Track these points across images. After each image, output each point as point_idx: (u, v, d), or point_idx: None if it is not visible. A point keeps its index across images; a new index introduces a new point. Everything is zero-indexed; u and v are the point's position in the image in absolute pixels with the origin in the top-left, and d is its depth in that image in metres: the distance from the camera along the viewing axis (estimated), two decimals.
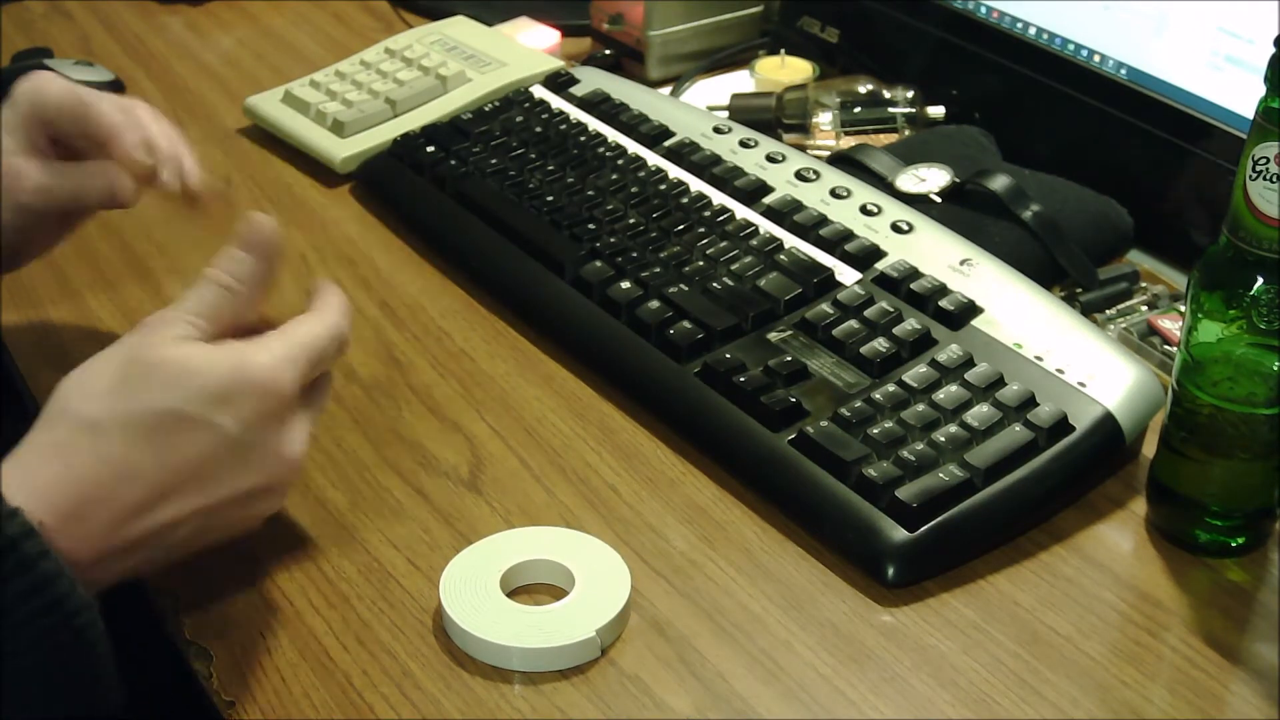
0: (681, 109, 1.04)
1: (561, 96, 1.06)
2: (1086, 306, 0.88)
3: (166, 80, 1.20)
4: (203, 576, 0.70)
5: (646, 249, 0.88)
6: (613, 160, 0.97)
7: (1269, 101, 0.63)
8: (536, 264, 0.89)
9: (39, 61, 1.14)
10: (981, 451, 0.72)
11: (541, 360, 0.85)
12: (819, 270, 0.85)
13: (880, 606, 0.69)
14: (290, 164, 1.07)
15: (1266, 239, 0.65)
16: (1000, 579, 0.70)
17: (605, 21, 1.21)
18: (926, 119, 1.08)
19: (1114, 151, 0.97)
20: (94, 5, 1.33)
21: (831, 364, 0.79)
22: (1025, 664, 0.66)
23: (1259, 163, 0.64)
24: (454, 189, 0.96)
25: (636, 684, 0.64)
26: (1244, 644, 0.68)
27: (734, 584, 0.70)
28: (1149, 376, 0.77)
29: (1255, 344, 0.67)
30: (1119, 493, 0.76)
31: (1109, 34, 0.96)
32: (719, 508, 0.75)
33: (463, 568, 0.68)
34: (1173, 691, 0.65)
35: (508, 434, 0.79)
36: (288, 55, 1.25)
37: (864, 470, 0.71)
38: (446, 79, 1.11)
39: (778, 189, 0.92)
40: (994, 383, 0.75)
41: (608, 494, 0.75)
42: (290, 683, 0.65)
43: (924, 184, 0.96)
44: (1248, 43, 0.87)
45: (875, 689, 0.64)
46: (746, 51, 1.22)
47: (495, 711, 0.63)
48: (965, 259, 0.84)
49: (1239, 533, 0.71)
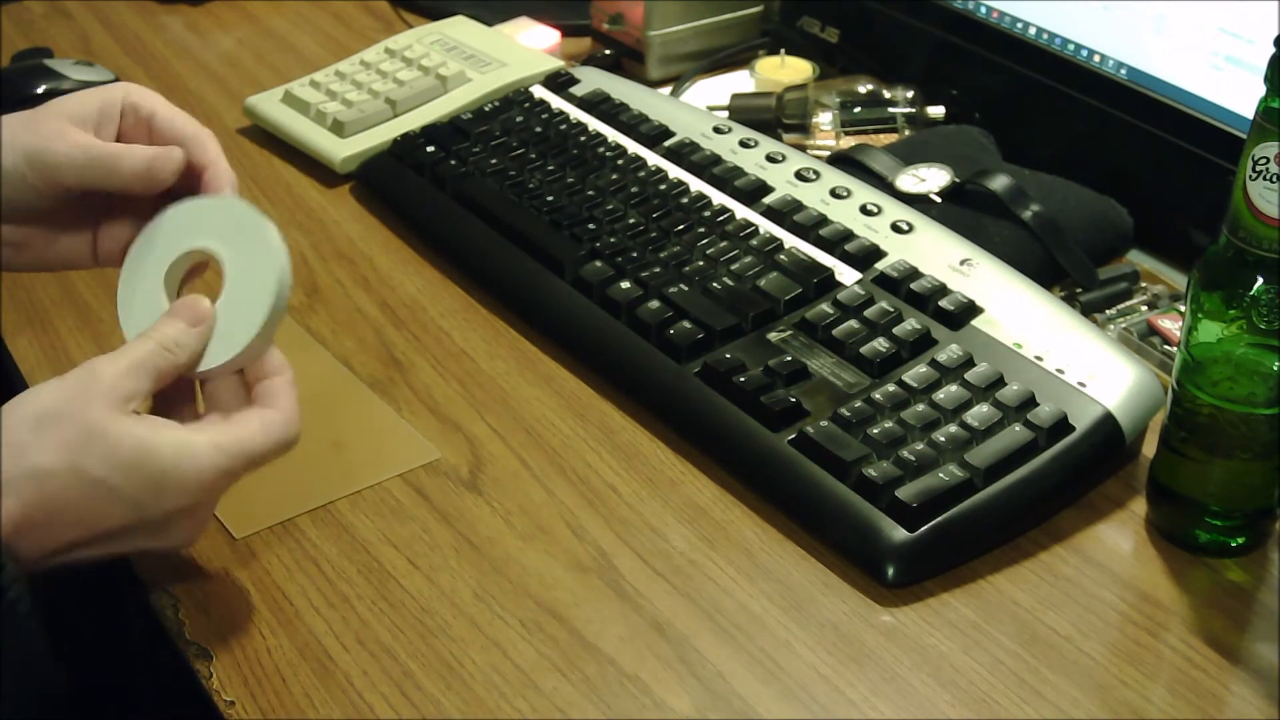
0: (681, 109, 1.04)
1: (561, 96, 1.06)
2: (1086, 306, 0.88)
3: (166, 80, 1.20)
4: (203, 576, 0.70)
5: (646, 249, 0.88)
6: (613, 160, 0.97)
7: (1269, 101, 0.63)
8: (536, 264, 0.89)
9: (39, 61, 1.14)
10: (981, 451, 0.72)
11: (541, 360, 0.86)
12: (819, 270, 0.85)
13: (880, 606, 0.69)
14: (290, 164, 1.07)
15: (1266, 239, 0.65)
16: (1000, 579, 0.70)
17: (605, 21, 1.21)
18: (926, 119, 1.08)
19: (1114, 151, 0.97)
20: (94, 5, 1.33)
21: (831, 364, 0.79)
22: (1025, 664, 0.66)
23: (1259, 163, 0.64)
24: (454, 189, 0.96)
25: (636, 684, 0.64)
26: (1244, 644, 0.68)
27: (734, 584, 0.70)
28: (1149, 376, 0.77)
29: (1255, 344, 0.67)
30: (1119, 493, 0.76)
31: (1109, 34, 0.96)
32: (719, 508, 0.75)
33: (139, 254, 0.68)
34: (1173, 691, 0.65)
35: (508, 434, 0.79)
36: (288, 55, 1.25)
37: (864, 470, 0.71)
38: (446, 79, 1.11)
39: (778, 189, 0.92)
40: (994, 383, 0.75)
41: (608, 494, 0.75)
42: (290, 683, 0.65)
43: (924, 184, 0.96)
44: (1248, 43, 0.87)
45: (875, 689, 0.64)
46: (746, 51, 1.22)
47: (495, 711, 0.63)
48: (965, 259, 0.84)
49: (1239, 533, 0.71)
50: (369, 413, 0.82)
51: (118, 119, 0.73)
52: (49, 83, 1.10)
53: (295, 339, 0.87)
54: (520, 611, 0.68)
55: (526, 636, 0.67)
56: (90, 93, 0.73)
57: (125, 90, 0.74)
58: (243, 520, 0.73)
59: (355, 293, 0.92)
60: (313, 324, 0.89)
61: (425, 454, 0.78)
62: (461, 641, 0.67)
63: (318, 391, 0.83)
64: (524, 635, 0.67)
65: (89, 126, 0.72)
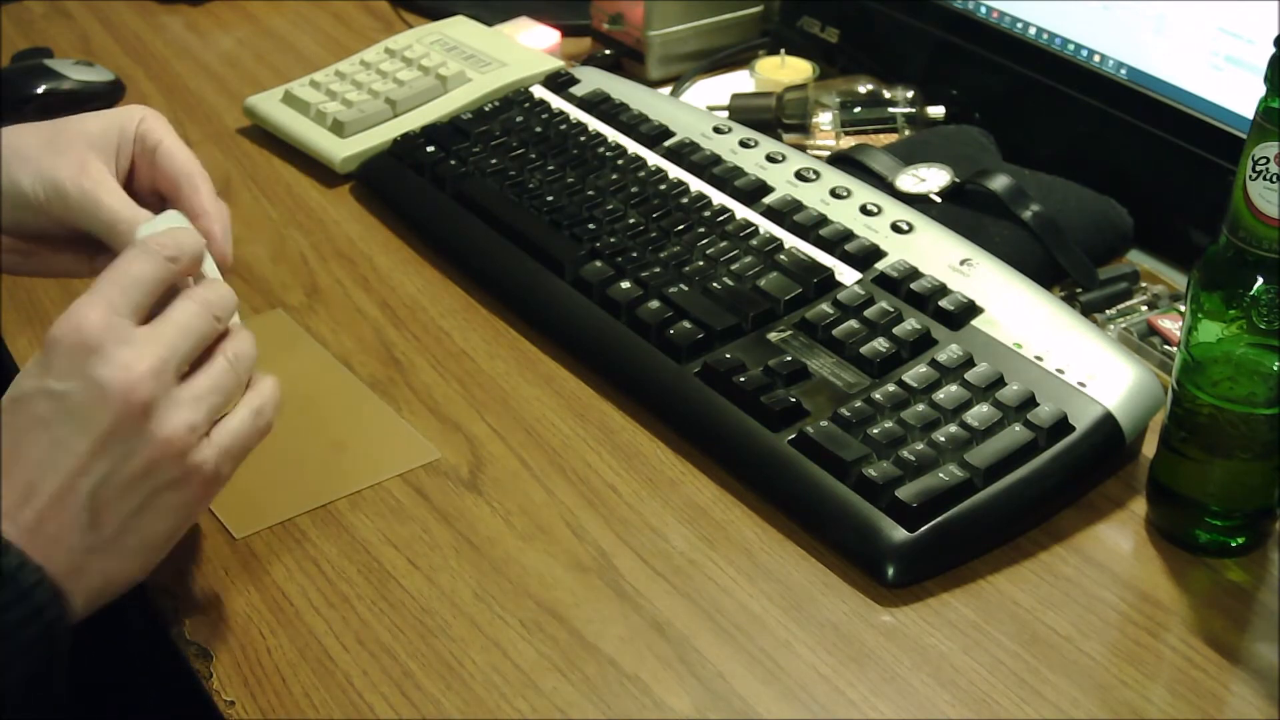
0: (681, 109, 1.04)
1: (561, 96, 1.06)
2: (1086, 306, 0.88)
3: (166, 80, 1.20)
4: (203, 576, 0.70)
5: (646, 249, 0.88)
6: (613, 160, 0.97)
7: (1269, 101, 0.63)
8: (536, 264, 0.89)
9: (39, 61, 1.14)
10: (981, 451, 0.72)
11: (541, 360, 0.86)
12: (819, 270, 0.85)
13: (880, 606, 0.69)
14: (290, 164, 1.07)
15: (1266, 239, 0.65)
16: (1000, 579, 0.70)
17: (605, 21, 1.21)
18: (926, 119, 1.08)
19: (1114, 151, 0.97)
20: (94, 5, 1.33)
21: (831, 364, 0.79)
22: (1025, 664, 0.66)
23: (1259, 163, 0.64)
24: (454, 189, 0.96)
25: (636, 684, 0.64)
26: (1244, 644, 0.68)
27: (734, 584, 0.70)
28: (1149, 376, 0.77)
29: (1255, 344, 0.67)
30: (1119, 493, 0.76)
31: (1109, 34, 0.96)
32: (719, 508, 0.75)
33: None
34: (1173, 691, 0.65)
35: (508, 434, 0.80)
36: (288, 55, 1.25)
37: (864, 470, 0.71)
38: (446, 79, 1.11)
39: (778, 189, 0.92)
40: (994, 383, 0.75)
41: (608, 494, 0.75)
42: (290, 683, 0.65)
43: (924, 184, 0.96)
44: (1248, 43, 0.87)
45: (875, 689, 0.64)
46: (746, 51, 1.22)
47: (495, 711, 0.63)
48: (965, 259, 0.84)
49: (1239, 533, 0.71)
50: (369, 412, 0.82)
51: (131, 145, 0.74)
52: (49, 83, 1.10)
53: (295, 339, 0.87)
54: (520, 611, 0.68)
55: (526, 636, 0.67)
56: (111, 118, 0.74)
57: (140, 117, 0.75)
58: (243, 520, 0.73)
59: (355, 293, 0.92)
60: (313, 324, 0.89)
61: (425, 454, 0.78)
62: (461, 641, 0.67)
63: (318, 391, 0.83)
64: (524, 635, 0.67)
65: (109, 156, 0.73)
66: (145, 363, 0.61)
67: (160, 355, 0.61)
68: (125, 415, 0.60)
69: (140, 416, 0.60)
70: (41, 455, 0.60)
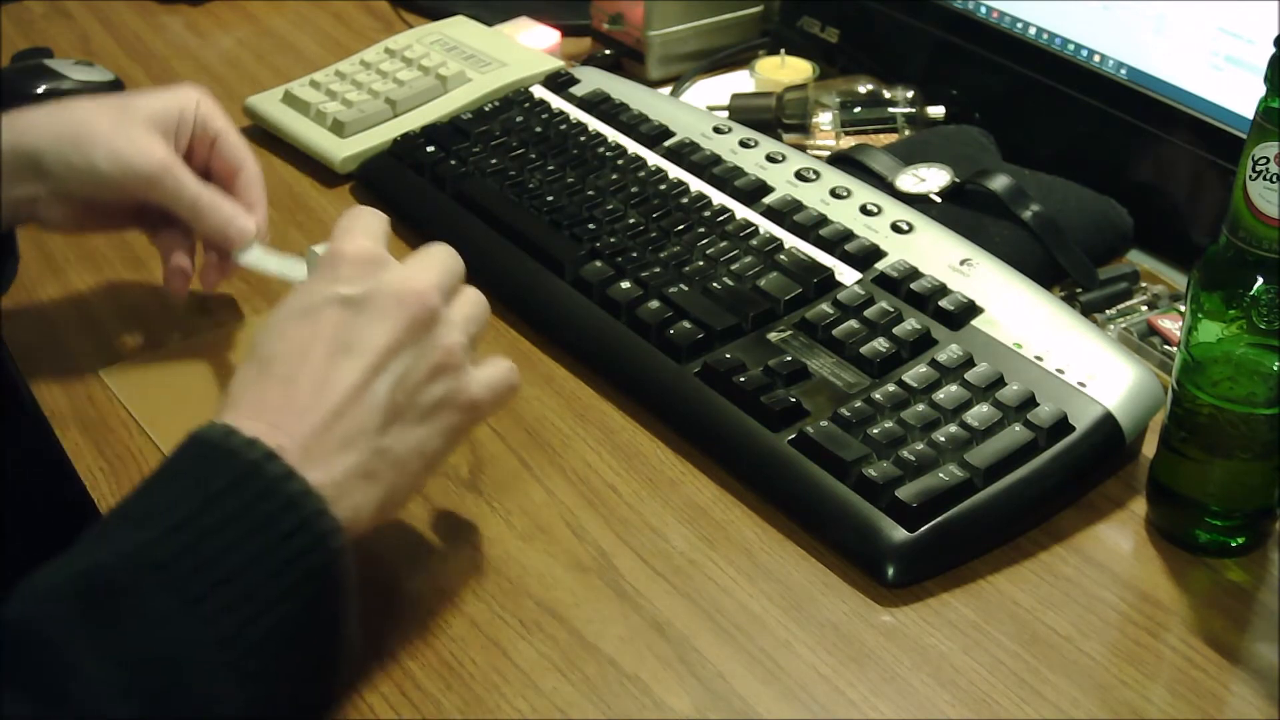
0: (681, 109, 1.04)
1: (561, 96, 1.06)
2: (1086, 306, 0.88)
3: (166, 80, 1.20)
4: None
5: (646, 249, 0.88)
6: (613, 160, 0.97)
7: (1269, 101, 0.63)
8: (536, 264, 0.89)
9: (39, 61, 1.14)
10: (981, 451, 0.72)
11: (541, 360, 0.86)
12: (819, 270, 0.85)
13: (880, 606, 0.69)
14: (290, 164, 1.07)
15: (1266, 239, 0.65)
16: (1000, 579, 0.70)
17: (605, 21, 1.21)
18: (926, 119, 1.08)
19: (1114, 151, 0.97)
20: (94, 5, 1.33)
21: (831, 364, 0.79)
22: (1025, 664, 0.66)
23: (1259, 163, 0.64)
24: (454, 189, 0.96)
25: (636, 684, 0.64)
26: (1244, 644, 0.68)
27: (734, 584, 0.70)
28: (1149, 376, 0.77)
29: (1255, 344, 0.67)
30: (1119, 493, 0.76)
31: (1109, 34, 0.96)
32: (719, 508, 0.75)
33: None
34: (1173, 691, 0.65)
35: (508, 434, 0.79)
36: (288, 55, 1.25)
37: (864, 470, 0.71)
38: (446, 79, 1.11)
39: (778, 189, 0.92)
40: (994, 383, 0.75)
41: (608, 494, 0.75)
42: None
43: (924, 184, 0.96)
44: (1248, 43, 0.87)
45: (875, 689, 0.64)
46: (746, 51, 1.22)
47: (495, 711, 0.63)
48: (965, 259, 0.84)
49: (1239, 533, 0.71)
50: None
51: (190, 128, 0.82)
52: (49, 83, 1.10)
53: None
54: (520, 611, 0.68)
55: (526, 636, 0.67)
56: (170, 99, 0.83)
57: (198, 101, 0.83)
58: None
59: None
60: None
61: None
62: (461, 641, 0.67)
63: None
64: (524, 635, 0.67)
65: (170, 134, 0.81)
66: (431, 276, 0.65)
67: (439, 273, 0.66)
68: (420, 316, 0.64)
69: (430, 320, 0.64)
70: (338, 356, 0.62)
